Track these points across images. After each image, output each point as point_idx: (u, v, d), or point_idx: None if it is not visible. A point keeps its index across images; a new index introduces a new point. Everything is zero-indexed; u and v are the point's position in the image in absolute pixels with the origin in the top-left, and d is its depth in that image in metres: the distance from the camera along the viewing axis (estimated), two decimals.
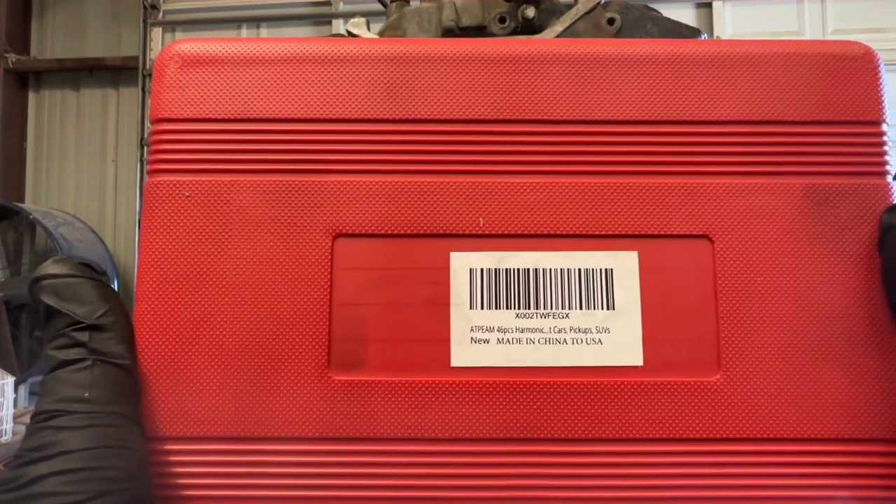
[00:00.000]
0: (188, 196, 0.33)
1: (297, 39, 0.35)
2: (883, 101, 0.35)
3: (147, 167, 0.34)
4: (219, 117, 0.34)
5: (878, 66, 0.35)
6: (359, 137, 0.34)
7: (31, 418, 0.28)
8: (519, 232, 0.33)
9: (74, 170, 2.99)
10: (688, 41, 0.36)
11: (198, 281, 0.33)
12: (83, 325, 0.30)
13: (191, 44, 0.35)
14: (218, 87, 0.34)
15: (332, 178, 0.34)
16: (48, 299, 0.30)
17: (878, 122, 0.34)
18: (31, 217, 2.41)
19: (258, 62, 0.35)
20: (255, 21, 2.97)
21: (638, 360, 0.33)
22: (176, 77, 0.34)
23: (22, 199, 2.91)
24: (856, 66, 0.35)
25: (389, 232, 0.33)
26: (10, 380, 2.05)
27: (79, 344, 0.29)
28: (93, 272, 0.31)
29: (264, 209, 0.33)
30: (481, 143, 0.34)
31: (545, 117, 0.34)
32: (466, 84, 0.34)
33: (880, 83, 0.35)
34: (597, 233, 0.33)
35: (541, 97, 0.34)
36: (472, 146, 0.34)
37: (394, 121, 0.34)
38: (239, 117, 0.34)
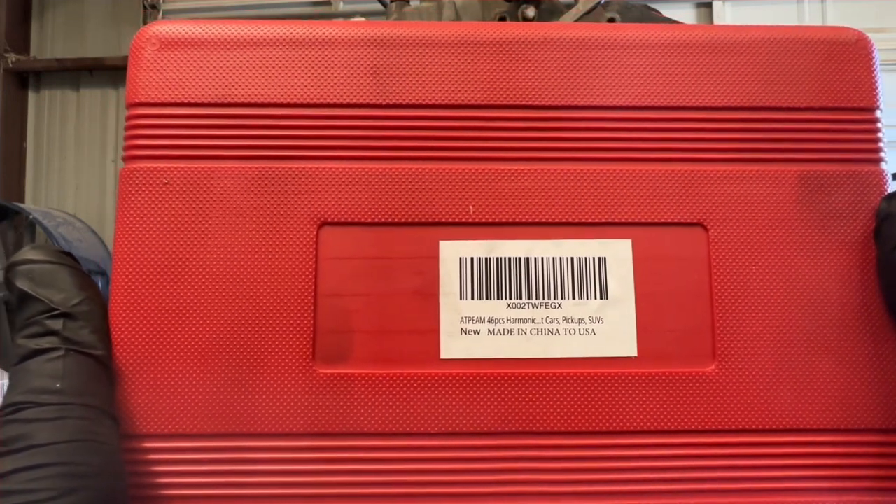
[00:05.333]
0: (166, 183, 0.32)
1: (280, 21, 0.34)
2: (877, 88, 0.34)
3: (122, 153, 0.33)
4: (198, 101, 0.33)
5: (873, 51, 0.34)
6: (344, 123, 0.33)
7: None
8: (510, 220, 0.32)
9: (74, 170, 2.98)
10: (681, 26, 0.35)
11: (176, 271, 0.32)
12: (57, 312, 0.28)
13: (169, 25, 0.33)
14: (197, 70, 0.33)
15: (317, 164, 0.33)
16: (23, 284, 0.29)
17: (872, 109, 0.34)
18: (31, 217, 2.40)
19: (240, 44, 0.33)
20: None
21: (632, 351, 0.32)
22: (153, 59, 0.33)
23: (22, 199, 2.90)
24: (850, 51, 0.34)
25: (376, 220, 0.32)
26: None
27: (51, 332, 0.28)
28: (72, 260, 0.30)
29: (246, 197, 0.32)
30: (470, 128, 0.33)
31: (536, 102, 0.33)
32: (455, 68, 0.33)
33: (874, 69, 0.34)
34: (590, 220, 0.33)
35: (532, 82, 0.33)
36: (461, 132, 0.33)
37: (380, 105, 0.33)
38: (219, 101, 0.33)
